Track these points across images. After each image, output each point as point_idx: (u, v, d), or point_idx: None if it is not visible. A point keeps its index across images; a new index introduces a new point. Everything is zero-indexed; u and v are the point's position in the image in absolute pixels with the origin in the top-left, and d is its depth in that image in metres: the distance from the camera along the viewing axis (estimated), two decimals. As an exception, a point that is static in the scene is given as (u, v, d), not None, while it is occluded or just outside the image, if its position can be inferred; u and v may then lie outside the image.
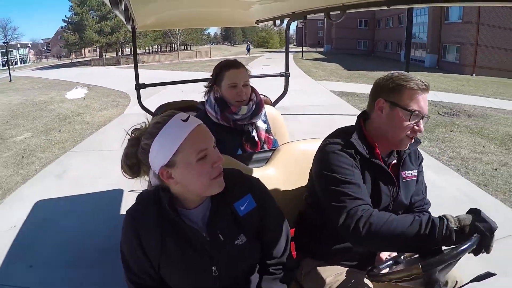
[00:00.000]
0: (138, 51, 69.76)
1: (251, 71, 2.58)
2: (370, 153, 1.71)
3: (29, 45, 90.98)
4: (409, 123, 1.64)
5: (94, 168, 6.28)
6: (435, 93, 14.89)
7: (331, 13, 2.27)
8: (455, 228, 1.35)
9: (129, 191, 4.72)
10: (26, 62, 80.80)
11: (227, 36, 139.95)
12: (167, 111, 1.38)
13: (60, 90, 18.56)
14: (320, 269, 1.80)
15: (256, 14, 3.36)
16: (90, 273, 3.41)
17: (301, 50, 51.50)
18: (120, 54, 57.03)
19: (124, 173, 1.41)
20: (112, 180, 5.47)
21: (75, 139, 8.58)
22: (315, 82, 19.34)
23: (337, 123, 2.69)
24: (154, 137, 1.29)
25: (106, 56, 55.21)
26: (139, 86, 3.41)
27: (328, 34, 64.91)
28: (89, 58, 58.40)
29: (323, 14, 2.40)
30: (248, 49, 64.85)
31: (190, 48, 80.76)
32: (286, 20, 3.38)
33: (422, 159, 1.93)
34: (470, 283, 1.43)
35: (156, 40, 64.22)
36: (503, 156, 6.97)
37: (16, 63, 70.66)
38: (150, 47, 72.09)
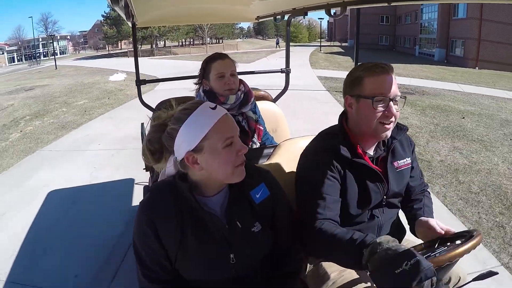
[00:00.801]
0: (172, 44, 71.30)
1: (237, 62, 2.60)
2: (352, 153, 1.65)
3: (68, 37, 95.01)
4: (375, 109, 1.59)
5: (134, 116, 9.59)
6: (415, 80, 17.63)
7: (332, 9, 2.25)
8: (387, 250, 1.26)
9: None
10: (65, 53, 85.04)
11: (260, 30, 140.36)
12: (193, 100, 1.44)
13: (103, 75, 22.25)
14: (325, 265, 1.76)
15: (257, 10, 3.32)
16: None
17: (328, 44, 53.85)
18: (154, 47, 61.09)
19: (146, 160, 1.45)
20: (144, 119, 8.99)
21: (120, 103, 12.22)
22: (311, 70, 22.01)
23: (297, 93, 4.46)
24: (183, 122, 1.30)
25: (141, 48, 58.82)
26: (139, 82, 3.42)
27: (351, 29, 65.69)
28: (125, 50, 62.59)
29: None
30: (277, 43, 67.96)
31: (222, 41, 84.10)
32: (286, 16, 3.36)
33: (414, 145, 1.90)
34: (472, 281, 1.42)
35: (188, 34, 67.93)
36: (408, 115, 9.36)
37: (56, 54, 73.07)
38: (183, 40, 75.80)
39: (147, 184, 3.28)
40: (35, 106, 12.42)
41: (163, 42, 71.82)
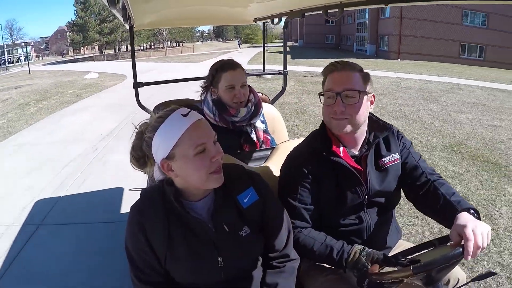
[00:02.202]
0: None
1: (190, 61, 4.74)
2: (327, 150, 1.67)
3: (32, 43, 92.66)
4: (325, 105, 1.68)
5: (112, 95, 14.36)
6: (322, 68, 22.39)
7: (329, 11, 2.25)
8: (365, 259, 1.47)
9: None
10: (29, 60, 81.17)
11: (219, 33, 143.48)
12: (170, 107, 1.41)
13: (78, 75, 25.72)
14: (319, 267, 1.77)
15: (254, 12, 3.32)
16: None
17: (280, 45, 57.83)
18: (118, 51, 65.08)
19: (132, 165, 1.47)
20: (119, 94, 13.58)
21: (100, 90, 16.76)
22: (245, 64, 25.35)
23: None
24: (156, 131, 1.33)
25: (105, 53, 62.65)
26: (137, 85, 3.32)
27: (300, 30, 70.09)
28: (90, 55, 65.46)
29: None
30: (239, 44, 73.84)
31: (182, 45, 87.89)
32: (283, 18, 3.32)
33: (402, 136, 1.86)
34: (471, 282, 1.40)
35: (149, 39, 72.74)
36: (293, 86, 14.30)
37: (21, 61, 73.86)
38: (145, 44, 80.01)
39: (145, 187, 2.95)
40: (33, 96, 16.17)
41: (125, 46, 75.03)
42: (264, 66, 4.23)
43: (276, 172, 1.98)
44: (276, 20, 3.32)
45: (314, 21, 59.49)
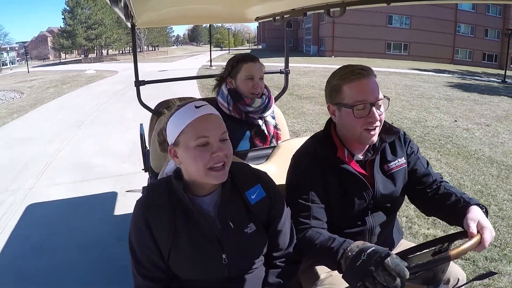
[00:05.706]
0: (114, 52, 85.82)
1: (162, 62, 7.78)
2: (334, 157, 1.64)
3: (16, 48, 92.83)
4: (357, 118, 1.55)
5: (114, 79, 22.45)
6: (277, 64, 29.89)
7: (331, 10, 2.24)
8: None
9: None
10: (14, 63, 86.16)
11: (193, 37, 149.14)
12: (190, 100, 1.42)
13: (78, 72, 30.25)
14: (316, 266, 1.77)
15: (256, 11, 3.32)
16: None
17: (245, 48, 63.25)
18: (101, 54, 71.82)
19: (157, 148, 1.51)
20: (118, 79, 22.40)
21: (104, 78, 24.30)
22: (202, 63, 33.08)
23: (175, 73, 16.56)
24: (171, 117, 1.38)
25: (89, 56, 69.47)
26: (138, 83, 3.27)
27: (263, 35, 76.96)
28: (74, 58, 72.10)
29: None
30: (221, 47, 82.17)
31: (158, 49, 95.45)
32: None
33: (410, 140, 1.80)
34: (471, 281, 1.41)
35: (128, 44, 78.54)
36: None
37: (6, 64, 77.77)
38: (124, 49, 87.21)
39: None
40: (54, 83, 21.89)
41: (106, 51, 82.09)
42: (210, 62, 8.30)
43: (278, 171, 1.94)
44: (278, 19, 3.13)
45: (274, 26, 59.73)
